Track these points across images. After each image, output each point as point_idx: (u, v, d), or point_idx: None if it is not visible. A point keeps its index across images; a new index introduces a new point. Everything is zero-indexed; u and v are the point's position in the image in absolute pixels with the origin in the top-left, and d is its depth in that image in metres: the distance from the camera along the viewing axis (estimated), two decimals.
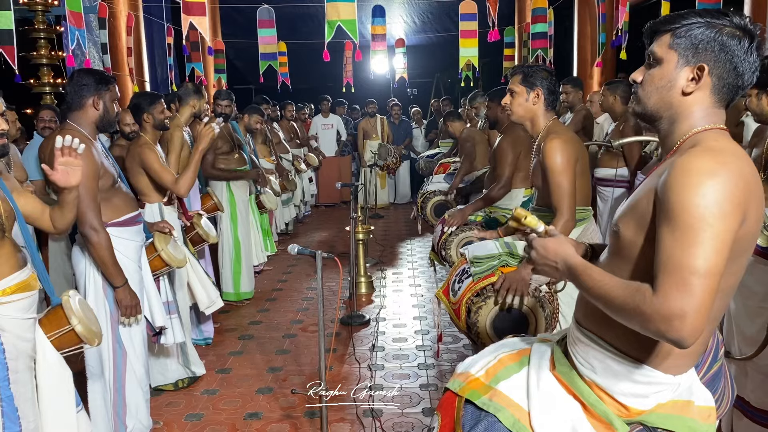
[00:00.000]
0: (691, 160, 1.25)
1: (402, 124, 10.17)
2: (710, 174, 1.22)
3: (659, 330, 1.22)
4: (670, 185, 1.25)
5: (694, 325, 1.19)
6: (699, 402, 1.45)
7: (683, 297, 1.19)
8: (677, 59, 1.36)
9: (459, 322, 2.73)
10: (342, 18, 6.11)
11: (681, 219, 1.22)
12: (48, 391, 2.15)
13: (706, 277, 1.20)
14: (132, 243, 2.85)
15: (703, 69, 1.33)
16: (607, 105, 4.69)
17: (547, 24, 8.07)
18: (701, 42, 1.33)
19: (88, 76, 2.74)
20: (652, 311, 1.21)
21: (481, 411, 1.57)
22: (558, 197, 2.50)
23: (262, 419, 3.17)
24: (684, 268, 1.20)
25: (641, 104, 1.44)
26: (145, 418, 2.93)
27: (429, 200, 5.56)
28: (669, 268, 1.22)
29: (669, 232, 1.24)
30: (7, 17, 5.14)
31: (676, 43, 1.36)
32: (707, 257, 1.20)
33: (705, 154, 1.26)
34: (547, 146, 2.54)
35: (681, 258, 1.21)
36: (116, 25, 7.46)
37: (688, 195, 1.21)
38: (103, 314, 2.71)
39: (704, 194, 1.20)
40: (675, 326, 1.19)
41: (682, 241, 1.21)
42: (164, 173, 3.46)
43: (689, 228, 1.21)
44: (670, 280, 1.21)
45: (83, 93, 2.69)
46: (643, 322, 1.24)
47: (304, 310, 4.91)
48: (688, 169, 1.24)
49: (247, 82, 12.87)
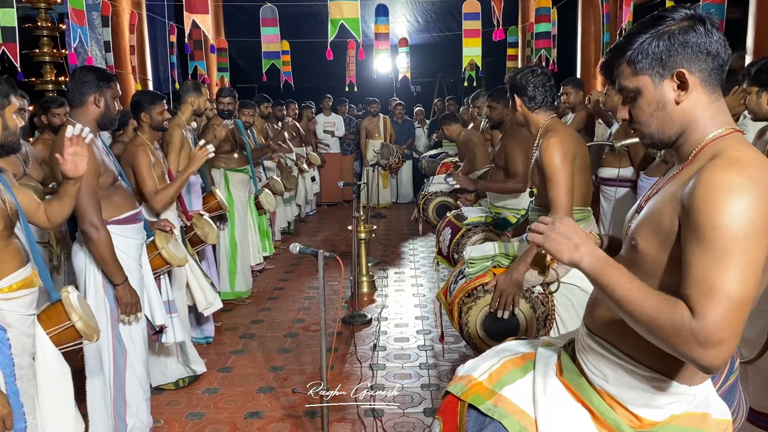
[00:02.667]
0: (716, 174, 1.20)
1: (405, 123, 10.16)
2: (740, 191, 1.16)
3: (693, 355, 1.17)
4: (697, 203, 1.19)
5: (728, 353, 1.16)
6: (716, 415, 1.40)
7: (727, 327, 1.14)
8: (651, 80, 1.33)
9: (453, 322, 2.73)
10: (345, 16, 6.10)
11: (713, 241, 1.16)
12: (47, 387, 2.15)
13: (743, 304, 1.15)
14: (132, 241, 2.84)
15: (683, 73, 1.30)
16: (611, 104, 4.68)
17: (550, 24, 8.04)
18: (662, 52, 1.30)
19: (90, 73, 2.73)
20: (690, 334, 1.16)
21: (485, 417, 1.52)
22: (554, 194, 2.47)
23: (263, 418, 3.16)
24: (722, 293, 1.15)
25: (647, 135, 1.39)
26: (146, 417, 2.92)
27: (431, 201, 5.54)
28: (705, 290, 1.16)
29: (700, 252, 1.18)
30: (9, 14, 5.13)
31: (639, 68, 1.33)
32: (744, 282, 1.15)
33: (731, 168, 1.20)
34: (543, 144, 2.53)
35: (717, 281, 1.15)
36: (119, 23, 7.45)
37: (719, 215, 1.16)
38: (103, 312, 2.70)
39: (736, 215, 1.15)
40: (711, 354, 1.15)
41: (716, 264, 1.16)
42: (148, 180, 3.36)
43: (723, 251, 1.15)
44: (708, 304, 1.15)
45: (84, 90, 2.69)
46: (677, 344, 1.18)
47: (306, 309, 4.90)
48: (716, 186, 1.18)
49: (250, 81, 12.85)
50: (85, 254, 2.72)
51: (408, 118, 10.43)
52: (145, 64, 8.21)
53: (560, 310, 2.54)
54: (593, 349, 1.46)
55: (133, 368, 2.84)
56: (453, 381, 1.70)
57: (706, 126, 1.32)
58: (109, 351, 2.76)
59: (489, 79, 11.86)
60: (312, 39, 9.40)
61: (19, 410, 1.99)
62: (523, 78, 2.63)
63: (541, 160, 2.54)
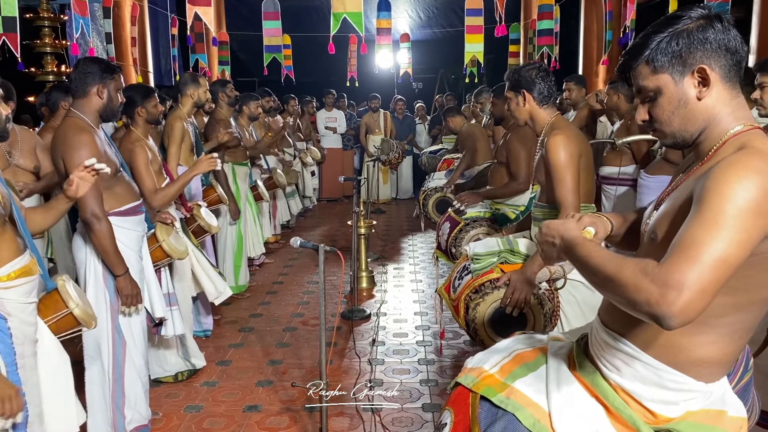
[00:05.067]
0: (740, 157, 1.20)
1: (405, 119, 10.14)
2: (757, 171, 1.16)
3: (648, 298, 1.12)
4: (710, 179, 1.19)
5: (688, 305, 1.10)
6: (732, 412, 1.38)
7: (689, 270, 1.11)
8: (671, 78, 1.32)
9: (458, 318, 2.72)
10: (348, 10, 6.10)
11: (713, 203, 1.15)
12: (47, 376, 2.15)
13: (719, 262, 1.12)
14: (133, 233, 2.84)
15: (704, 69, 1.29)
16: (612, 104, 4.66)
17: (553, 21, 8.04)
18: (682, 50, 1.30)
19: (94, 64, 2.72)
20: (650, 278, 1.13)
21: (498, 409, 1.52)
22: (562, 192, 2.48)
23: (261, 412, 3.16)
24: (699, 245, 1.13)
25: (669, 135, 1.39)
26: (144, 409, 2.92)
27: (431, 197, 5.54)
28: (685, 243, 1.15)
29: (697, 214, 1.17)
30: (11, 4, 5.12)
31: (658, 67, 1.33)
32: (729, 244, 1.12)
33: (756, 155, 1.20)
34: (549, 142, 2.53)
35: (701, 236, 1.14)
36: (121, 15, 7.43)
37: (727, 183, 1.16)
38: (103, 303, 2.70)
39: (746, 186, 1.14)
40: (668, 297, 1.10)
41: (708, 224, 1.14)
42: (146, 178, 3.32)
43: (720, 212, 1.14)
44: (681, 252, 1.14)
45: (87, 81, 2.68)
46: (634, 291, 1.15)
47: (305, 303, 4.90)
48: (735, 163, 1.18)
49: (251, 75, 12.83)
50: (86, 246, 2.71)
51: (409, 113, 10.42)
52: (146, 56, 8.19)
53: (565, 306, 2.53)
54: (608, 344, 1.45)
55: (132, 360, 2.83)
56: (463, 372, 1.69)
57: (727, 122, 1.32)
58: (109, 342, 2.75)
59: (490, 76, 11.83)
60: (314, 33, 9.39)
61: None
62: (529, 73, 2.62)
63: (547, 158, 2.54)
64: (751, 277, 1.24)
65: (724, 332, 1.31)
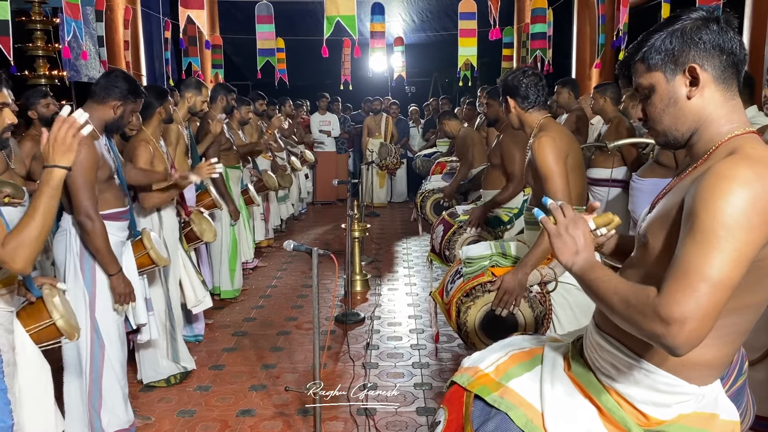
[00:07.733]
0: (728, 166, 1.19)
1: (399, 123, 10.15)
2: (744, 183, 1.15)
3: (655, 332, 1.17)
4: (699, 191, 1.19)
5: (692, 334, 1.14)
6: (724, 416, 1.39)
7: (687, 302, 1.14)
8: (663, 75, 1.33)
9: (451, 321, 2.72)
10: (341, 14, 6.10)
11: (704, 224, 1.16)
12: (28, 385, 2.13)
13: (716, 287, 1.14)
14: (114, 238, 2.83)
15: (694, 68, 1.30)
16: (598, 107, 4.67)
17: (546, 24, 8.06)
18: (675, 48, 1.30)
19: (124, 82, 2.80)
20: (653, 312, 1.17)
21: (491, 408, 1.53)
22: (550, 193, 2.47)
23: (255, 416, 3.15)
24: (695, 274, 1.15)
25: (660, 133, 1.39)
26: (123, 413, 2.88)
27: (428, 198, 5.54)
28: (680, 271, 1.17)
29: (689, 235, 1.18)
30: (3, 8, 5.10)
31: (651, 64, 1.34)
32: (722, 267, 1.14)
33: (742, 163, 1.19)
34: (535, 144, 2.53)
35: (695, 263, 1.15)
36: (113, 18, 7.41)
37: (715, 200, 1.15)
38: (82, 304, 2.71)
39: (733, 202, 1.14)
40: (672, 331, 1.14)
41: (700, 246, 1.15)
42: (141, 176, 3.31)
43: (710, 233, 1.15)
44: (677, 283, 1.16)
45: (111, 93, 2.75)
46: (641, 322, 1.19)
47: (299, 307, 4.88)
48: (722, 175, 1.18)
49: (245, 78, 12.82)
50: (65, 245, 2.72)
51: (403, 117, 10.42)
52: (139, 59, 8.17)
53: (557, 309, 2.53)
54: (602, 347, 1.45)
55: (110, 363, 2.83)
56: (459, 372, 1.70)
57: (720, 124, 1.32)
58: (87, 344, 2.75)
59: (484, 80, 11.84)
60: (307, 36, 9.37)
61: (7, 407, 1.97)
62: (514, 79, 2.65)
63: (534, 160, 2.54)
64: (745, 283, 1.24)
65: (717, 335, 1.31)
